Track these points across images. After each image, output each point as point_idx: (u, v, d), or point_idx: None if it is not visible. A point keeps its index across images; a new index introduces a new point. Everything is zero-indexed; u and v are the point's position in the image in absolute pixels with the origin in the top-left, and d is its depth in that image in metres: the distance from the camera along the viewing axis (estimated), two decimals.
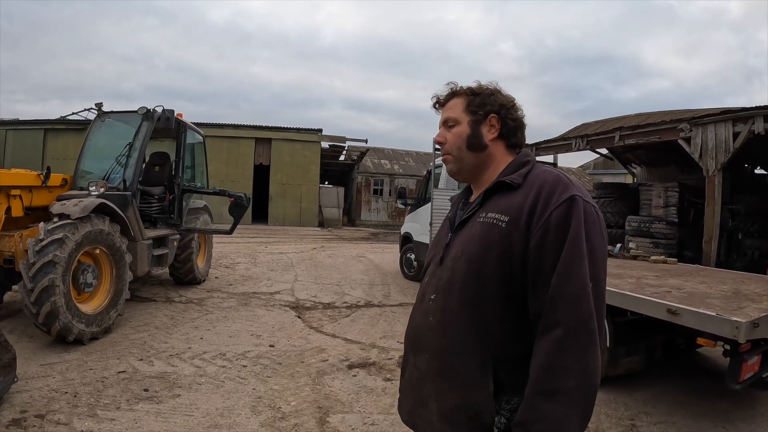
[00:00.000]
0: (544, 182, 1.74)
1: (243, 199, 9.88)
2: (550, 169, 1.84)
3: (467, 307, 1.77)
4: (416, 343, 1.97)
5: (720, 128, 11.17)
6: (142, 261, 8.03)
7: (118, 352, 6.20)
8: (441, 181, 11.19)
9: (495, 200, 1.84)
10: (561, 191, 1.69)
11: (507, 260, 1.70)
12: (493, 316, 1.73)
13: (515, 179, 1.82)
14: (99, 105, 9.14)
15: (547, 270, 1.62)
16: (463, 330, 1.78)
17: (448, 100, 2.05)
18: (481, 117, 1.95)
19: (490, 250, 1.73)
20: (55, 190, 7.62)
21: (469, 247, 1.81)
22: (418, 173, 37.46)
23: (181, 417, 4.62)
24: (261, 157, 31.65)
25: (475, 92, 1.99)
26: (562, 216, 1.64)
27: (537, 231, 1.66)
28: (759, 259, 12.77)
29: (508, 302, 1.72)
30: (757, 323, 4.22)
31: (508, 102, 1.98)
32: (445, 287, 1.85)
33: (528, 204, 1.70)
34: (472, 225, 1.87)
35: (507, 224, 1.72)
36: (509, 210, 1.75)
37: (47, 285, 5.87)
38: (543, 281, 1.63)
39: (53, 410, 4.55)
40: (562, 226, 1.63)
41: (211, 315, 8.34)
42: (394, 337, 7.65)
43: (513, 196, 1.78)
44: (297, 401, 5.13)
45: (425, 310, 1.93)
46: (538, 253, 1.65)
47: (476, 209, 1.89)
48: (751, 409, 5.46)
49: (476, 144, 1.96)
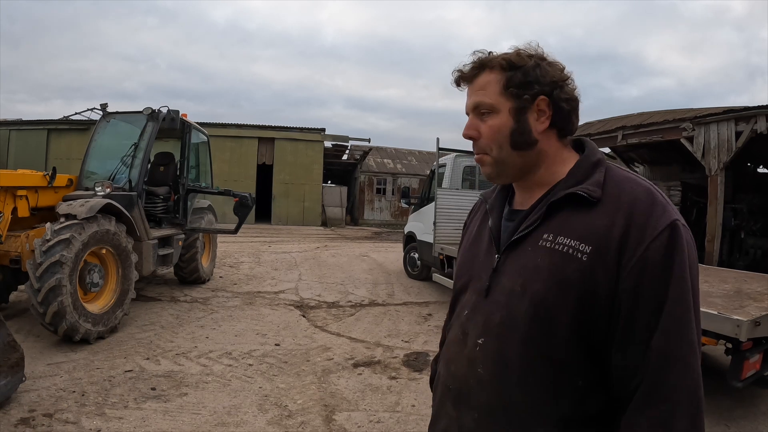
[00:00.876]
0: (635, 199, 1.34)
1: (248, 199, 9.90)
2: (635, 178, 1.43)
3: (532, 360, 1.37)
4: (459, 396, 1.53)
5: (722, 127, 11.19)
6: (147, 261, 8.08)
7: (125, 351, 6.24)
8: (445, 180, 11.21)
9: (565, 219, 1.40)
10: (659, 214, 1.30)
11: (589, 305, 1.30)
12: (565, 371, 1.34)
13: (593, 191, 1.38)
14: (104, 106, 9.17)
15: (645, 323, 1.26)
16: (527, 389, 1.37)
17: (476, 75, 1.53)
18: (527, 102, 1.46)
19: (566, 292, 1.32)
20: (60, 191, 7.65)
21: (533, 284, 1.38)
22: (420, 172, 37.47)
23: (188, 415, 4.66)
24: (264, 156, 31.67)
25: (515, 64, 1.47)
26: (663, 251, 1.26)
27: (630, 270, 1.26)
28: (761, 258, 12.79)
29: (584, 354, 1.33)
30: (759, 322, 4.25)
31: (559, 75, 1.48)
32: (500, 331, 1.44)
33: (618, 230, 1.30)
34: (533, 250, 1.42)
35: (589, 257, 1.31)
36: (590, 237, 1.33)
37: (54, 285, 5.91)
38: (638, 337, 1.26)
39: (61, 409, 4.59)
40: (664, 265, 1.26)
41: (217, 314, 8.38)
42: (399, 336, 7.69)
43: (592, 215, 1.36)
44: (303, 399, 5.17)
45: (471, 357, 1.50)
46: (633, 301, 1.26)
47: (535, 225, 1.45)
48: (753, 407, 5.49)
49: (523, 141, 1.49)
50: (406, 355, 6.78)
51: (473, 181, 11.30)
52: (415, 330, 8.11)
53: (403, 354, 6.82)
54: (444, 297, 10.65)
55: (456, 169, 11.32)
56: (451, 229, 10.28)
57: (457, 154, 11.36)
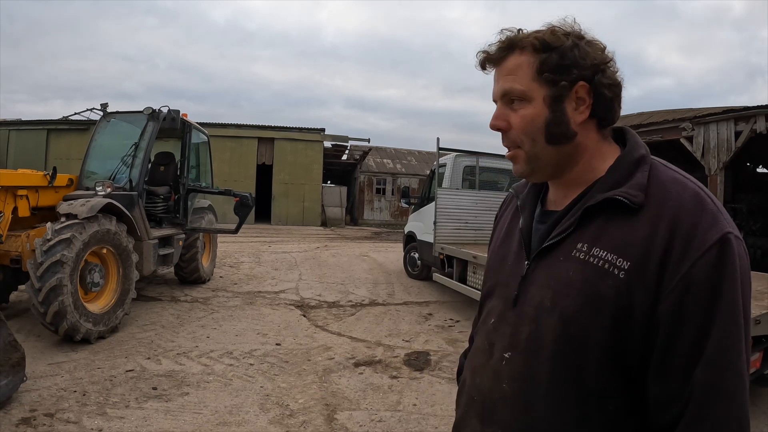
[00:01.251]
0: (680, 206, 1.17)
1: (248, 199, 9.90)
2: (683, 179, 1.25)
3: (560, 380, 1.24)
4: (483, 410, 1.41)
5: (722, 127, 11.22)
6: (148, 260, 8.07)
7: (126, 351, 6.23)
8: (445, 180, 11.20)
9: (602, 226, 1.24)
10: (708, 225, 1.14)
11: (625, 327, 1.16)
12: (596, 395, 1.21)
13: (634, 196, 1.21)
14: (104, 105, 9.18)
15: (686, 350, 1.11)
16: (553, 409, 1.25)
17: (505, 56, 1.33)
18: (565, 88, 1.27)
19: (599, 311, 1.18)
20: (61, 190, 7.65)
21: (564, 299, 1.25)
22: (420, 172, 37.47)
23: (190, 415, 4.65)
24: (264, 156, 31.68)
25: (549, 45, 1.27)
26: (711, 270, 1.10)
27: (673, 290, 1.12)
28: (761, 257, 12.81)
29: (616, 378, 1.20)
30: (759, 320, 4.24)
31: (600, 57, 1.28)
32: (528, 347, 1.31)
33: (659, 243, 1.14)
34: (566, 260, 1.28)
35: (627, 273, 1.16)
36: (629, 249, 1.17)
37: (55, 284, 5.90)
38: (678, 365, 1.12)
39: (62, 409, 4.59)
40: (711, 286, 1.10)
41: (217, 314, 8.38)
42: (399, 336, 7.68)
43: (632, 224, 1.20)
44: (304, 399, 5.16)
45: (496, 371, 1.37)
46: (673, 325, 1.12)
47: (569, 232, 1.29)
48: (754, 406, 5.47)
49: (560, 134, 1.30)
50: (407, 354, 6.78)
51: (473, 181, 11.29)
52: (415, 330, 8.10)
53: (404, 353, 6.81)
54: (444, 297, 10.66)
55: (456, 169, 11.30)
56: (451, 229, 10.27)
57: (458, 154, 11.36)
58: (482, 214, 10.40)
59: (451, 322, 8.59)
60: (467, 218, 10.41)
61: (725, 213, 1.19)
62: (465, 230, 10.35)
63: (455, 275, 9.39)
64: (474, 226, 10.35)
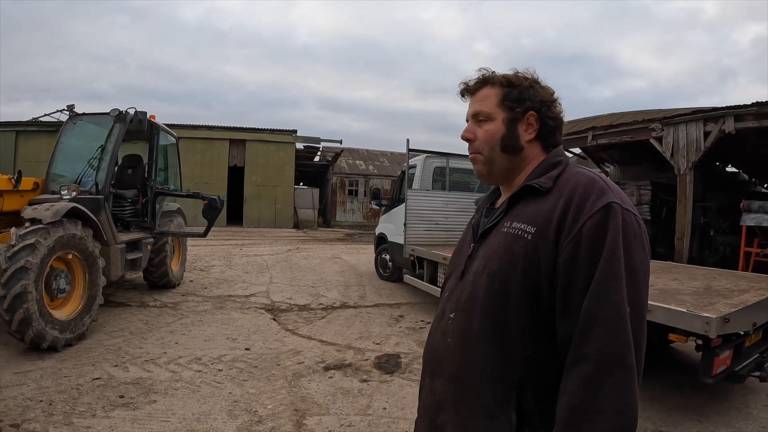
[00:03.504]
0: (576, 186, 1.53)
1: (216, 202, 9.83)
2: (585, 171, 1.62)
3: (489, 328, 1.56)
4: (433, 365, 1.78)
5: (691, 128, 11.37)
6: (115, 265, 7.97)
7: (93, 359, 6.14)
8: (415, 181, 11.21)
9: (521, 207, 1.63)
10: (596, 197, 1.47)
11: (533, 278, 1.48)
12: (517, 340, 1.51)
13: (544, 183, 1.61)
14: (71, 107, 9.06)
15: (578, 291, 1.40)
16: (484, 354, 1.57)
17: (479, 89, 1.79)
18: (519, 115, 1.72)
19: (514, 266, 1.53)
20: (26, 194, 7.54)
21: (491, 261, 1.61)
22: (393, 173, 37.52)
23: (157, 423, 4.59)
24: (235, 158, 31.55)
25: (512, 83, 1.73)
26: (596, 227, 1.42)
27: (567, 245, 1.44)
28: (730, 255, 12.99)
29: (534, 325, 1.50)
30: (728, 318, 4.29)
31: (548, 97, 1.74)
32: (466, 305, 1.66)
33: (557, 212, 1.49)
34: (496, 235, 1.66)
35: (533, 236, 1.51)
36: (536, 219, 1.54)
37: (20, 291, 5.80)
38: (573, 304, 1.40)
39: (28, 419, 4.50)
40: (595, 239, 1.41)
41: (186, 319, 8.29)
42: (370, 338, 7.67)
43: (541, 202, 1.57)
44: (273, 404, 5.13)
45: (444, 329, 1.73)
46: (568, 271, 1.42)
47: (501, 217, 1.69)
48: (726, 402, 5.56)
49: (511, 146, 1.73)
50: (377, 357, 6.77)
51: (444, 182, 11.31)
52: (386, 332, 8.10)
53: (375, 356, 6.80)
54: (416, 298, 10.68)
55: (426, 170, 11.30)
56: (421, 230, 10.28)
57: (428, 155, 11.36)
58: (453, 216, 10.43)
59: (423, 324, 8.59)
60: (438, 219, 10.42)
61: (618, 192, 1.52)
62: (435, 231, 10.36)
63: (426, 276, 9.41)
64: (444, 227, 10.37)
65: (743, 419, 5.15)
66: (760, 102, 10.06)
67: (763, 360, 5.19)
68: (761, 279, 6.54)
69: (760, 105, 10.08)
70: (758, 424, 5.07)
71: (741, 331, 4.72)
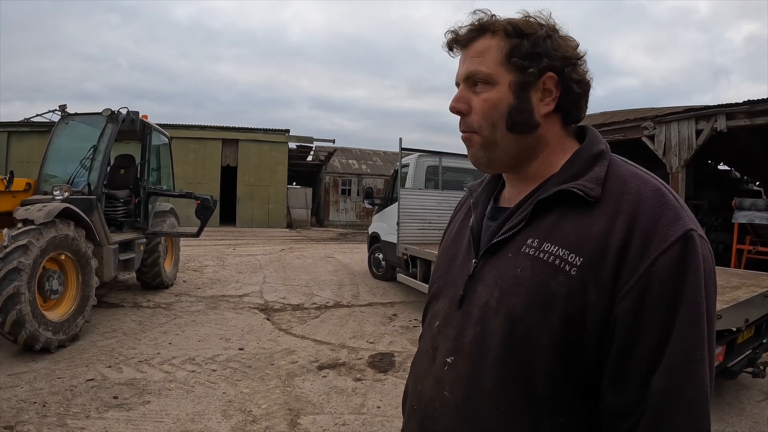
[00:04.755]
0: (640, 201, 1.09)
1: (209, 202, 9.82)
2: (642, 173, 1.19)
3: (507, 388, 1.14)
4: (424, 419, 1.31)
5: (683, 126, 11.42)
6: (108, 266, 7.95)
7: (87, 360, 6.13)
8: (408, 180, 11.21)
9: (555, 221, 1.17)
10: (669, 221, 1.06)
11: (575, 329, 1.07)
12: (546, 404, 1.11)
13: (590, 188, 1.14)
14: (63, 107, 9.04)
15: (644, 356, 1.03)
16: (500, 420, 1.15)
17: (474, 38, 1.26)
18: (533, 77, 1.21)
19: (548, 311, 1.09)
20: (18, 195, 7.52)
21: (510, 298, 1.16)
22: (386, 173, 37.55)
23: (151, 423, 4.59)
24: (228, 158, 31.49)
25: (522, 31, 1.21)
26: (672, 269, 1.02)
27: (630, 289, 1.03)
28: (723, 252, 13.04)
29: (568, 386, 1.10)
30: (720, 315, 4.30)
31: (571, 52, 1.23)
32: (472, 351, 1.21)
33: (615, 239, 1.06)
34: (515, 257, 1.19)
35: (579, 270, 1.08)
36: (583, 245, 1.09)
37: (12, 293, 5.79)
38: (635, 372, 1.04)
39: (22, 421, 4.50)
40: (672, 286, 1.02)
41: (180, 319, 8.29)
42: (364, 337, 7.69)
43: (587, 219, 1.12)
44: (267, 404, 5.13)
45: (439, 377, 1.28)
46: (630, 328, 1.03)
47: (520, 228, 1.21)
48: (719, 398, 5.57)
49: (522, 123, 1.23)
50: (371, 356, 6.77)
51: (436, 181, 11.31)
52: (380, 331, 8.11)
53: (368, 355, 6.81)
54: (409, 297, 10.69)
55: (419, 169, 11.31)
56: (414, 229, 10.28)
57: (420, 154, 11.37)
58: (446, 214, 10.40)
59: (416, 323, 8.60)
60: (431, 218, 10.41)
61: (688, 211, 1.12)
62: (428, 230, 10.35)
63: (419, 275, 9.41)
64: (437, 226, 10.35)
65: (736, 415, 5.18)
66: (751, 100, 10.12)
67: (756, 356, 5.22)
68: (753, 276, 6.57)
69: (751, 103, 10.14)
70: (751, 419, 5.09)
71: (733, 328, 4.73)
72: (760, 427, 4.96)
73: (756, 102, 10.05)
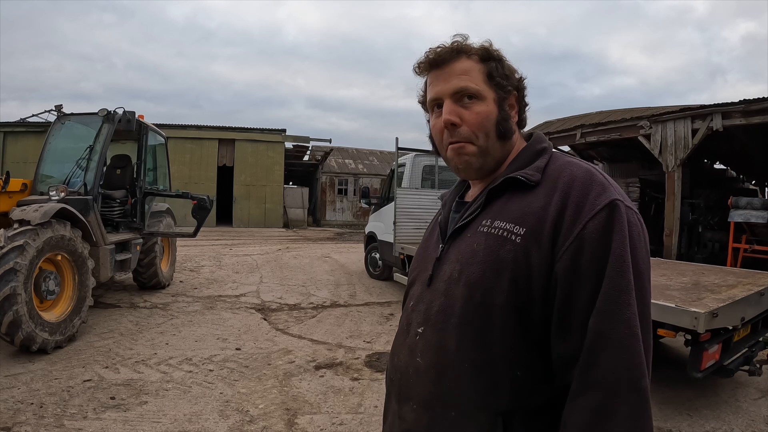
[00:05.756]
0: (572, 179, 1.30)
1: (206, 201, 9.81)
2: (577, 161, 1.40)
3: (468, 347, 1.31)
4: (400, 388, 1.50)
5: (679, 125, 11.45)
6: (104, 266, 7.94)
7: (83, 361, 6.12)
8: (404, 179, 11.22)
9: (504, 203, 1.39)
10: (597, 193, 1.25)
11: (524, 288, 1.25)
12: (504, 360, 1.27)
13: (531, 174, 1.37)
14: (59, 107, 9.03)
15: (582, 305, 1.19)
16: (464, 378, 1.32)
17: (453, 60, 1.45)
18: (508, 93, 1.46)
19: (499, 274, 1.28)
20: (14, 196, 7.49)
21: (469, 267, 1.35)
22: (382, 172, 37.50)
23: (148, 424, 4.58)
24: (224, 158, 31.45)
25: (492, 56, 1.45)
26: (600, 229, 1.20)
27: (566, 250, 1.22)
28: (719, 250, 13.08)
29: (523, 341, 1.27)
30: (716, 313, 4.32)
31: (518, 74, 1.51)
32: (438, 318, 1.39)
33: (552, 210, 1.26)
34: (473, 235, 1.40)
35: (523, 238, 1.27)
36: (525, 218, 1.30)
37: (9, 294, 5.77)
38: (575, 320, 1.20)
39: (19, 422, 4.49)
40: (601, 244, 1.20)
41: (177, 320, 8.28)
42: (361, 337, 7.69)
43: (529, 198, 1.33)
44: (265, 404, 5.13)
45: (411, 346, 1.46)
46: (569, 281, 1.21)
47: (477, 213, 1.43)
48: (715, 396, 5.59)
49: (507, 130, 1.46)
50: (368, 355, 6.78)
51: (433, 181, 11.33)
52: (377, 330, 8.11)
53: (365, 355, 6.81)
54: None
55: (415, 169, 11.32)
56: (411, 229, 10.30)
57: (417, 154, 11.36)
58: None
59: None
60: (427, 218, 10.39)
61: (617, 186, 1.31)
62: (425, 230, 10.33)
63: None
64: None
65: (733, 413, 5.19)
66: (747, 100, 10.15)
67: (752, 354, 5.25)
68: (749, 274, 6.59)
69: (747, 102, 10.16)
70: (747, 417, 5.10)
71: (729, 326, 4.75)
72: (756, 424, 4.97)
73: (752, 101, 10.07)
